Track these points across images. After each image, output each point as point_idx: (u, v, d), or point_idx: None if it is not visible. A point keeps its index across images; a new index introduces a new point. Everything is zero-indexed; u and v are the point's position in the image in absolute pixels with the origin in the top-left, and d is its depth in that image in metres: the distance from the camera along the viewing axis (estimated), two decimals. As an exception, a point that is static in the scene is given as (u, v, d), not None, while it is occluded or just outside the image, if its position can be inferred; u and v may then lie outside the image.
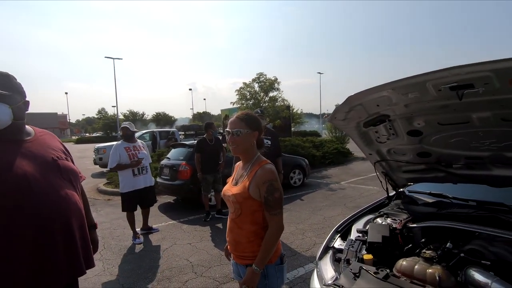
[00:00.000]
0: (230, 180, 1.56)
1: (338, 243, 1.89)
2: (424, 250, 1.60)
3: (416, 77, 1.28)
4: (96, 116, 51.41)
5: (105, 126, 40.95)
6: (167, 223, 4.96)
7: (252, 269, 1.34)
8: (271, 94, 12.83)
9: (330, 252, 1.80)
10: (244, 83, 12.83)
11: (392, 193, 2.49)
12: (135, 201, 4.11)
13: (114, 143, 4.66)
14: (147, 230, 4.43)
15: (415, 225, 1.85)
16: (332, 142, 13.14)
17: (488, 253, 1.48)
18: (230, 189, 1.47)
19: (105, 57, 30.52)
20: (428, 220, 1.82)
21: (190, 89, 55.88)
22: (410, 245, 1.76)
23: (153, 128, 26.68)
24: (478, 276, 1.28)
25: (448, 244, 1.63)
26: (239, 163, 1.56)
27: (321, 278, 1.61)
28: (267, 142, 3.89)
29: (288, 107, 14.75)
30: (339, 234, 1.97)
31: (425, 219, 1.85)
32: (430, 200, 2.24)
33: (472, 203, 2.01)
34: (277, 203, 1.35)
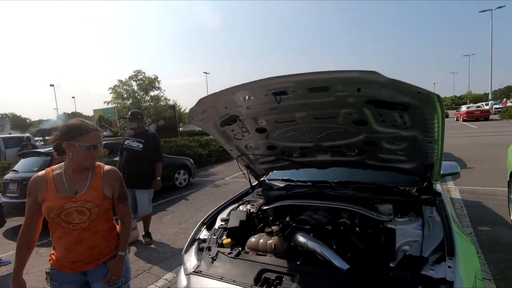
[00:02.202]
0: (54, 194, 1.35)
1: (203, 234, 2.05)
2: (268, 226, 1.94)
3: (249, 84, 1.54)
4: None
5: None
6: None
7: (120, 256, 1.49)
8: (152, 93, 12.15)
9: (196, 243, 1.93)
10: (120, 81, 11.70)
11: (255, 182, 2.86)
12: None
13: None
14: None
15: (267, 207, 2.21)
16: (218, 140, 13.60)
17: (312, 220, 1.94)
18: (72, 199, 1.35)
19: None
20: (278, 201, 2.21)
21: (52, 85, 45.54)
22: (262, 224, 2.09)
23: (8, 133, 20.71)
24: (300, 238, 1.67)
25: (287, 218, 2.04)
26: (55, 174, 1.40)
27: (186, 270, 1.71)
28: (138, 146, 3.68)
29: (172, 106, 14.35)
30: (205, 226, 2.13)
31: (276, 200, 2.23)
32: (282, 184, 2.71)
33: (309, 183, 2.55)
34: (126, 195, 1.57)
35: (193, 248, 1.89)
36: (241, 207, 2.34)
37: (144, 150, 3.66)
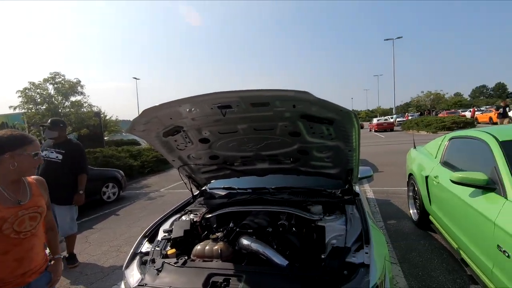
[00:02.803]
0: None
1: (145, 247, 1.99)
2: (212, 234, 2.01)
3: (197, 97, 1.62)
4: None
5: None
6: None
7: (58, 258, 1.61)
8: (73, 99, 10.90)
9: (137, 257, 1.87)
10: (32, 83, 10.18)
11: (196, 192, 2.89)
12: None
13: None
14: None
15: (210, 215, 2.28)
16: (151, 150, 12.89)
17: (254, 224, 2.08)
18: (24, 206, 1.37)
19: None
20: (221, 208, 2.29)
21: None
22: (206, 232, 2.15)
23: None
24: (245, 241, 1.79)
25: (231, 224, 2.14)
26: None
27: (128, 286, 1.66)
28: (57, 157, 3.30)
29: (97, 113, 13.08)
30: (146, 239, 2.08)
31: (219, 208, 2.31)
32: (223, 193, 2.80)
33: (249, 190, 2.71)
34: (49, 201, 1.63)
35: (135, 262, 1.83)
36: (184, 217, 2.34)
37: (64, 162, 3.28)
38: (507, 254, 1.72)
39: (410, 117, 31.66)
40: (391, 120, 28.89)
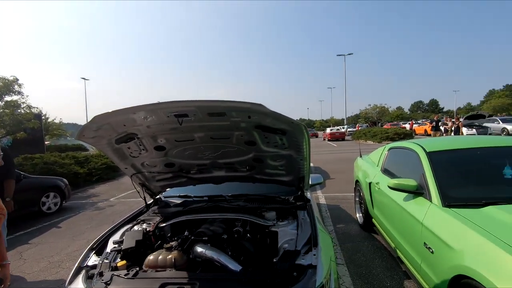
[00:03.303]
0: None
1: (92, 260, 1.89)
2: (166, 243, 1.98)
3: (152, 105, 1.62)
4: None
5: None
6: None
7: (8, 264, 1.61)
8: (8, 98, 9.77)
9: (83, 271, 1.76)
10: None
11: (150, 201, 2.80)
12: None
13: None
14: None
15: (164, 224, 2.24)
16: (101, 156, 12.03)
17: (209, 231, 2.10)
18: None
19: None
20: (176, 217, 2.26)
21: None
22: (159, 242, 2.10)
23: None
24: (199, 249, 1.80)
25: (186, 232, 2.13)
26: None
27: (72, 302, 1.55)
28: None
29: (38, 115, 11.87)
30: (94, 251, 1.97)
31: (174, 217, 2.28)
32: (179, 201, 2.76)
33: (205, 198, 2.71)
34: None
35: (80, 277, 1.72)
36: (136, 227, 2.27)
37: None
38: (431, 250, 1.98)
39: (360, 128, 34.19)
40: (343, 130, 30.88)
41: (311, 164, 10.97)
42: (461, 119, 17.47)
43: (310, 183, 3.01)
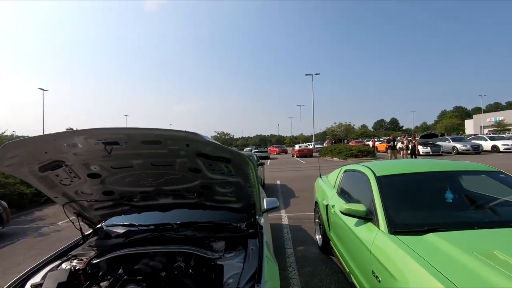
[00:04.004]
0: None
1: None
2: (98, 283, 1.76)
3: (76, 132, 1.46)
4: None
5: None
6: None
7: None
8: None
9: None
10: None
11: (89, 231, 2.53)
12: None
13: None
14: None
15: (98, 259, 2.01)
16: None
17: (147, 268, 1.91)
18: None
19: None
20: (114, 251, 2.04)
21: None
22: (88, 282, 1.87)
23: None
24: (130, 292, 1.61)
25: (120, 270, 1.92)
26: None
27: None
28: None
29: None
30: None
31: (111, 250, 2.05)
32: (122, 230, 2.53)
33: (151, 227, 2.51)
34: None
35: None
36: (63, 265, 2.01)
37: None
38: (378, 279, 1.96)
39: (329, 144, 35.34)
40: (311, 146, 31.71)
41: (278, 182, 11.04)
42: (417, 138, 18.76)
43: (265, 207, 2.93)
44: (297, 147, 30.33)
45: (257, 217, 2.51)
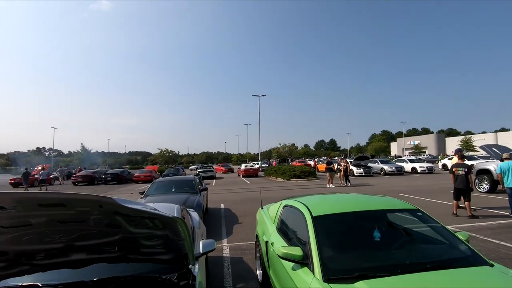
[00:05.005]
0: None
1: None
2: None
3: None
4: None
5: None
6: None
7: None
8: None
9: None
10: None
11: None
12: None
13: None
14: None
15: None
16: None
17: None
18: None
19: None
20: None
21: None
22: None
23: None
24: None
25: None
26: None
27: None
28: None
29: None
30: None
31: None
32: None
33: (60, 286, 2.11)
34: None
35: None
36: None
37: None
38: (313, 333, 1.91)
39: (276, 164, 36.27)
40: (256, 166, 32.15)
41: (222, 206, 10.76)
42: (349, 160, 20.65)
43: (201, 251, 2.73)
44: (243, 166, 30.44)
45: (190, 266, 2.30)
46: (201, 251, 2.73)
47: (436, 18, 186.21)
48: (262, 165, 35.75)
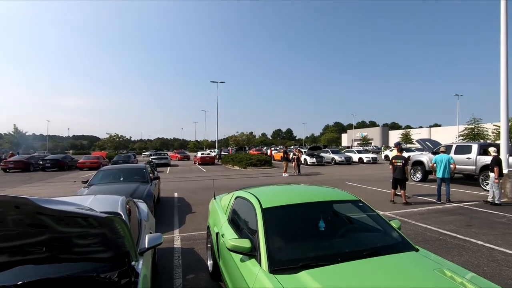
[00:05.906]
0: None
1: None
2: None
3: None
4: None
5: None
6: None
7: None
8: None
9: None
10: None
11: None
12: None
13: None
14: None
15: None
16: None
17: None
18: None
19: None
20: None
21: None
22: None
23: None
24: None
25: None
26: None
27: None
28: None
29: None
30: None
31: None
32: None
33: None
34: None
35: None
36: None
37: None
38: (257, 323, 1.95)
39: (232, 151, 36.15)
40: (213, 154, 31.77)
41: (175, 195, 10.47)
42: (302, 150, 21.70)
43: (146, 246, 2.61)
44: (199, 154, 29.82)
45: (133, 262, 2.19)
46: (146, 246, 2.61)
47: (381, 21, 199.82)
48: (222, 153, 35.23)
